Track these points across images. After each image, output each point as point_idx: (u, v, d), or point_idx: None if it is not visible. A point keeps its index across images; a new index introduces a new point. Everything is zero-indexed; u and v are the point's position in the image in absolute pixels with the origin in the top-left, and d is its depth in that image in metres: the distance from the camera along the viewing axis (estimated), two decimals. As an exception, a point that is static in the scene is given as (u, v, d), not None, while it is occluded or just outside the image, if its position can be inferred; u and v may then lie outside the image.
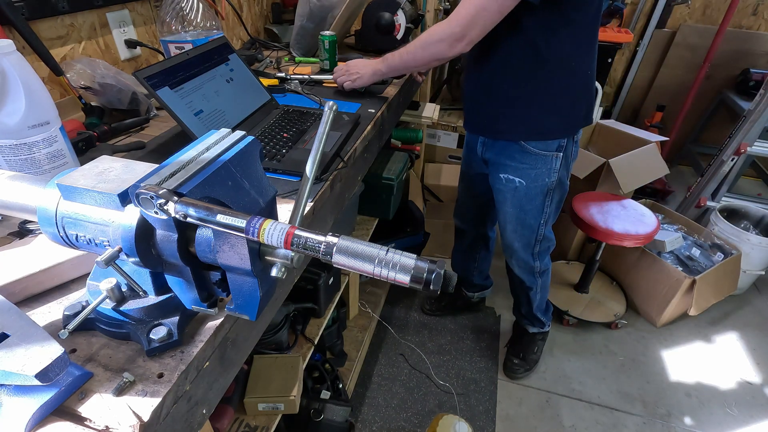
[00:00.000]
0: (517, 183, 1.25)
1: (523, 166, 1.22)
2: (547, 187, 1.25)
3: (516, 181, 1.25)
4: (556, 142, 1.18)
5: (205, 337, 0.49)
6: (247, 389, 1.06)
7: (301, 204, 0.45)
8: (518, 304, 1.64)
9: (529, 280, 1.49)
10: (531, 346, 1.70)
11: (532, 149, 1.19)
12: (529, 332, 1.67)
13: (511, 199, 1.30)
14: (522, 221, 1.33)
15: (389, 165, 1.63)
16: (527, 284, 1.50)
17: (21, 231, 0.63)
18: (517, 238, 1.38)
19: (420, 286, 0.34)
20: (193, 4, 1.10)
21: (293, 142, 0.90)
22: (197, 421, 0.51)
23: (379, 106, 1.14)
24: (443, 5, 2.14)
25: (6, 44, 0.59)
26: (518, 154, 1.21)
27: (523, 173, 1.23)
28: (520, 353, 1.70)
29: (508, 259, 1.49)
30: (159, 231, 0.41)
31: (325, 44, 1.31)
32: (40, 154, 0.65)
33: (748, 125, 2.03)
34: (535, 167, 1.21)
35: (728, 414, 1.60)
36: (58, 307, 0.53)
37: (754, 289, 2.15)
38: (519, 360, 1.69)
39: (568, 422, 1.55)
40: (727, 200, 2.23)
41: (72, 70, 0.95)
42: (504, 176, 1.27)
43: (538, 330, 1.66)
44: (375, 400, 1.60)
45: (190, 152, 0.43)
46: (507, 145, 1.22)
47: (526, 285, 1.50)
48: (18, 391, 0.41)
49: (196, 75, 0.88)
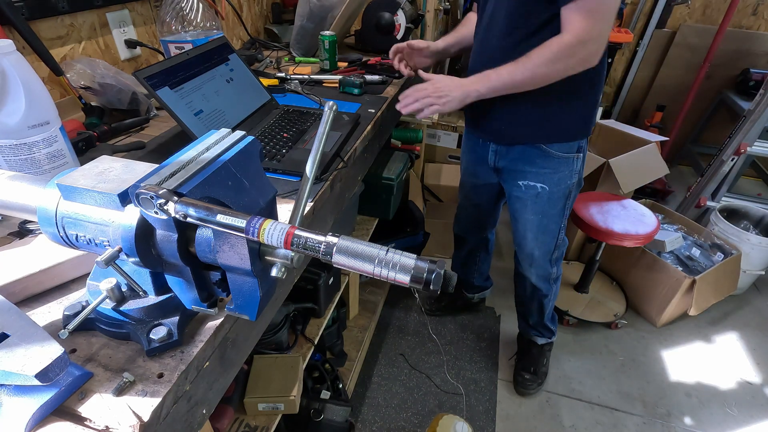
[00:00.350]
0: (539, 189, 1.19)
1: (545, 171, 1.16)
2: (568, 189, 1.20)
3: (538, 186, 1.19)
4: (576, 143, 1.13)
5: (205, 337, 0.49)
6: (247, 389, 1.06)
7: (301, 204, 0.45)
8: (527, 315, 1.57)
9: (545, 288, 1.43)
10: (540, 358, 1.64)
11: (554, 152, 1.13)
12: (537, 344, 1.63)
13: (532, 206, 1.23)
14: (545, 228, 1.27)
15: (389, 165, 1.63)
16: (543, 292, 1.44)
17: (21, 231, 0.63)
18: (537, 246, 1.32)
19: (420, 286, 0.34)
20: (193, 4, 1.10)
21: (293, 142, 0.90)
22: (197, 421, 0.51)
23: (379, 106, 1.14)
24: (443, 5, 2.14)
25: (6, 44, 0.59)
26: (539, 158, 1.15)
27: (545, 178, 1.17)
28: (530, 367, 1.62)
29: (525, 269, 1.41)
30: (159, 231, 0.41)
31: (325, 44, 1.31)
32: (40, 154, 0.65)
33: (748, 125, 2.03)
34: (558, 170, 1.16)
35: (728, 414, 1.60)
36: (58, 307, 0.53)
37: (754, 289, 2.15)
38: (530, 375, 1.61)
39: (568, 422, 1.55)
40: (727, 200, 2.23)
41: (72, 70, 0.95)
42: (524, 183, 1.20)
43: (546, 340, 1.62)
44: (375, 400, 1.60)
45: (190, 152, 0.43)
46: (525, 150, 1.15)
47: (542, 293, 1.44)
48: (18, 391, 0.41)
49: (196, 75, 0.88)
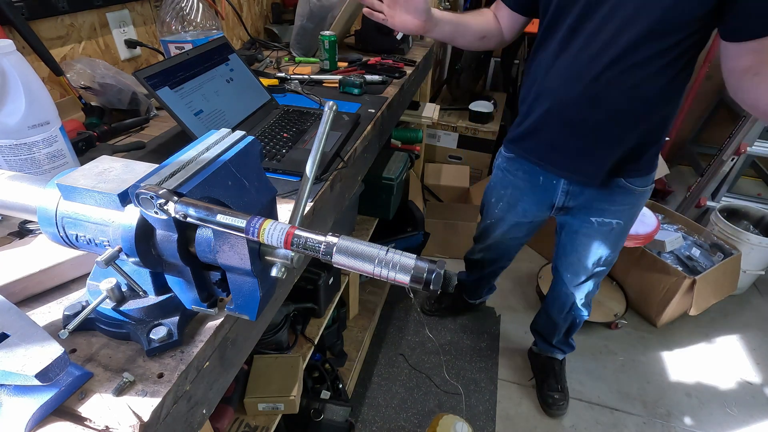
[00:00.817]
0: (614, 225, 1.10)
1: (624, 207, 1.07)
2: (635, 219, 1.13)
3: (613, 223, 1.10)
4: (654, 174, 1.05)
5: (205, 337, 0.49)
6: (247, 389, 1.06)
7: (301, 204, 0.45)
8: (551, 335, 1.53)
9: (587, 311, 1.39)
10: (562, 373, 1.62)
11: (636, 188, 1.04)
12: (559, 360, 1.62)
13: (603, 241, 1.14)
14: (610, 261, 1.20)
15: (389, 165, 1.63)
16: (584, 314, 1.39)
17: (21, 231, 0.63)
18: (595, 277, 1.25)
19: (420, 286, 0.34)
20: (193, 4, 1.10)
21: (293, 142, 0.90)
22: (197, 421, 0.51)
23: (379, 106, 1.14)
24: (443, 5, 2.14)
25: (6, 44, 0.59)
26: (620, 195, 1.05)
27: (622, 214, 1.08)
28: (558, 386, 1.58)
29: (570, 297, 1.33)
30: (159, 231, 0.41)
31: (325, 44, 1.31)
32: (40, 154, 0.65)
33: (748, 125, 2.03)
34: (636, 205, 1.08)
35: (728, 414, 1.60)
36: (58, 307, 0.53)
37: (754, 289, 2.15)
38: (560, 393, 1.56)
39: (568, 422, 1.55)
40: (727, 200, 2.23)
41: (72, 70, 0.95)
42: (597, 220, 1.10)
43: (565, 355, 1.61)
44: (375, 400, 1.60)
45: (190, 152, 0.43)
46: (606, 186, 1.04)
47: (582, 315, 1.40)
48: (18, 391, 0.41)
49: (196, 75, 0.88)
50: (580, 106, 0.93)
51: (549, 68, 0.95)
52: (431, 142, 2.54)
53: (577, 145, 0.99)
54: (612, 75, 0.87)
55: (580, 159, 1.01)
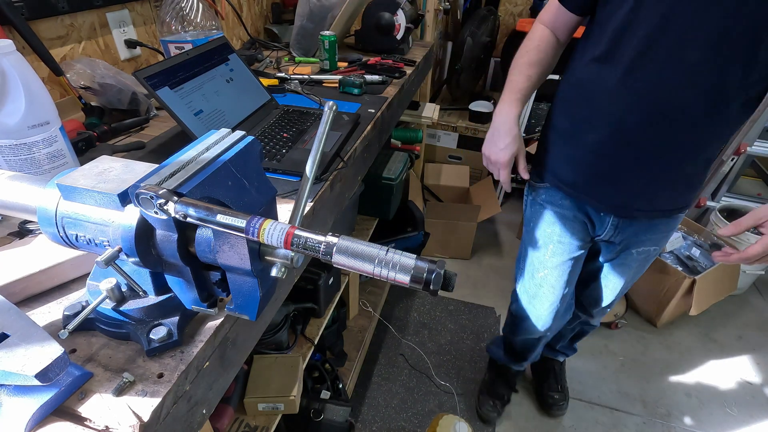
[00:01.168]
0: (652, 251, 1.06)
1: (665, 234, 1.04)
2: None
3: (651, 250, 1.06)
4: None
5: (205, 337, 0.49)
6: (247, 389, 1.06)
7: (301, 204, 0.45)
8: (556, 341, 1.50)
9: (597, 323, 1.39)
10: (562, 374, 1.63)
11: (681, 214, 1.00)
12: (560, 362, 1.62)
13: (638, 267, 1.10)
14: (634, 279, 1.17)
15: (389, 165, 1.63)
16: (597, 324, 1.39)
17: (21, 231, 0.63)
18: (618, 295, 1.20)
19: (420, 286, 0.34)
20: (193, 4, 1.10)
21: (293, 142, 0.90)
22: (197, 421, 0.51)
23: (379, 106, 1.14)
24: (443, 5, 2.14)
25: (6, 44, 0.59)
26: (663, 224, 1.00)
27: (660, 241, 1.04)
28: (558, 386, 1.59)
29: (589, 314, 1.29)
30: (159, 231, 0.41)
31: (325, 44, 1.31)
32: (40, 154, 0.65)
33: (748, 125, 2.03)
34: (674, 228, 1.04)
35: (728, 414, 1.60)
36: (58, 307, 0.53)
37: (754, 289, 2.15)
38: (560, 394, 1.57)
39: (568, 422, 1.55)
40: (727, 200, 2.23)
41: (72, 70, 0.95)
42: (637, 250, 1.05)
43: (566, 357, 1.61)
44: (375, 400, 1.60)
45: (190, 152, 0.43)
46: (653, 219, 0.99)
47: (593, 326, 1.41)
48: (18, 391, 0.41)
49: (196, 75, 0.88)
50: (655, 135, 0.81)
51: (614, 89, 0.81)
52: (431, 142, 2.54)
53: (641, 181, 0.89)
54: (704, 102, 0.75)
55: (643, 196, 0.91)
